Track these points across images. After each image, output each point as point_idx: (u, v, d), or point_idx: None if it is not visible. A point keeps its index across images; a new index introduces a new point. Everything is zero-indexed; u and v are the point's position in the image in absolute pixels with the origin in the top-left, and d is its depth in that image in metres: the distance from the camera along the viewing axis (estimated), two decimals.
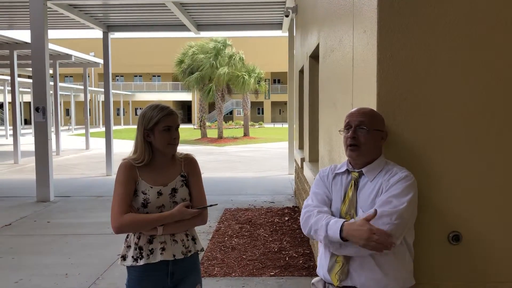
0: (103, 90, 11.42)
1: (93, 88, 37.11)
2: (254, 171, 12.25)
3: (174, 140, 2.15)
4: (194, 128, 36.43)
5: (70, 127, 34.81)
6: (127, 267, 2.17)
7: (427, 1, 2.02)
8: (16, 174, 11.62)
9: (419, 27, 2.03)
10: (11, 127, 19.58)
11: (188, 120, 51.98)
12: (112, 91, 11.36)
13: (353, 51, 2.56)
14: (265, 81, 31.90)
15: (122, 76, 53.32)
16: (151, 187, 2.12)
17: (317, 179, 2.04)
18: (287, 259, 4.65)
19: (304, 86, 6.24)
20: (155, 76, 54.30)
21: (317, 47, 4.50)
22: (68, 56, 15.72)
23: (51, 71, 15.81)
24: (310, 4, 5.36)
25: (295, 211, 6.83)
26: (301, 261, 4.57)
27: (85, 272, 4.38)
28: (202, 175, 2.31)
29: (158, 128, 2.12)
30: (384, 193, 1.79)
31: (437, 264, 2.09)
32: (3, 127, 26.96)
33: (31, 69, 8.31)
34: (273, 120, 52.75)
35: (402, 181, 1.79)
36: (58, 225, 6.27)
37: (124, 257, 2.15)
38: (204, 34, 12.59)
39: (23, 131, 29.34)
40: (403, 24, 2.03)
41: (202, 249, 2.29)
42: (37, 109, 7.80)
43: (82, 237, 5.65)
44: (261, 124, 42.21)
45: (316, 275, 2.01)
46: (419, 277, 2.01)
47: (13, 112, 14.29)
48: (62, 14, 9.26)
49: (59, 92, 19.47)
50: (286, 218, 6.36)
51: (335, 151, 3.16)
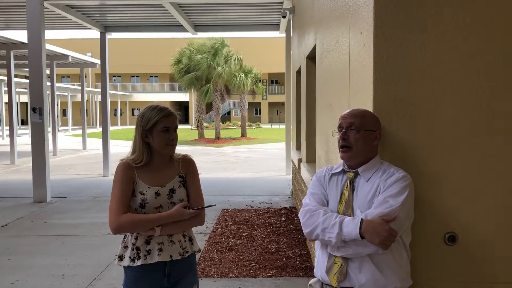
0: (100, 90, 11.39)
1: (90, 89, 37.04)
2: (252, 171, 12.25)
3: (172, 141, 2.16)
4: (192, 129, 36.40)
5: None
6: (124, 267, 2.17)
7: (423, 4, 2.03)
8: (13, 175, 11.58)
9: (415, 28, 2.04)
10: (8, 128, 19.54)
11: (186, 120, 51.92)
12: (109, 91, 11.33)
13: (350, 52, 2.57)
14: (261, 82, 31.95)
15: (119, 76, 53.24)
16: (149, 188, 2.13)
17: (314, 180, 2.05)
18: (284, 259, 4.65)
19: (301, 87, 6.25)
20: (152, 76, 54.23)
21: (314, 48, 4.51)
22: (65, 57, 15.69)
23: (48, 72, 15.79)
24: (307, 5, 5.37)
25: (292, 211, 6.83)
26: (298, 262, 4.57)
27: (82, 273, 4.37)
28: (200, 176, 2.31)
29: (157, 129, 2.12)
30: (381, 193, 1.80)
31: (433, 265, 2.10)
32: None
33: (28, 69, 8.27)
34: (271, 121, 52.78)
35: (399, 181, 1.81)
36: (55, 225, 6.25)
37: (121, 258, 2.15)
38: (202, 34, 12.59)
39: (19, 132, 29.29)
40: (399, 26, 2.04)
41: (199, 250, 2.30)
42: (34, 110, 7.78)
43: (79, 237, 5.64)
44: (258, 125, 42.20)
45: (313, 276, 2.01)
46: (415, 278, 2.02)
47: (9, 113, 14.25)
48: (59, 14, 9.25)
49: (56, 93, 19.43)
50: (283, 219, 6.37)
51: (331, 151, 3.17)
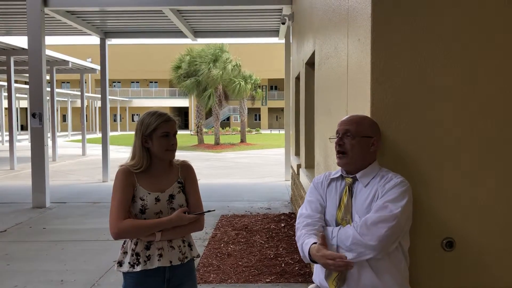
0: (100, 96, 11.41)
1: (90, 94, 37.07)
2: (251, 177, 12.25)
3: (172, 146, 2.17)
4: (191, 134, 36.42)
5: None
6: (123, 273, 2.17)
7: (420, 10, 2.05)
8: (12, 180, 11.58)
9: (412, 35, 2.06)
10: (7, 133, 19.54)
11: (185, 126, 51.96)
12: (109, 97, 11.36)
13: (348, 59, 2.59)
14: (261, 88, 31.98)
15: (119, 82, 53.33)
16: (149, 193, 2.14)
17: (310, 187, 2.07)
18: (283, 265, 4.65)
19: (300, 93, 6.27)
20: (152, 82, 54.33)
21: (313, 54, 4.54)
22: (65, 62, 15.73)
23: (48, 77, 15.83)
24: (306, 12, 5.40)
25: (292, 217, 6.83)
26: (297, 268, 4.57)
27: (81, 279, 4.37)
28: (199, 181, 2.32)
29: (156, 134, 2.13)
30: (380, 198, 1.81)
31: (431, 270, 2.10)
32: None
33: (28, 75, 8.30)
34: (270, 127, 52.83)
35: (397, 186, 1.82)
36: (54, 231, 6.24)
37: (120, 263, 2.16)
38: (201, 40, 12.66)
39: (19, 137, 29.29)
40: (397, 32, 2.06)
41: (198, 255, 2.30)
42: (33, 115, 7.79)
43: (78, 243, 5.64)
44: (258, 130, 42.23)
45: (312, 282, 2.02)
46: (413, 283, 2.03)
47: (9, 118, 14.27)
48: (60, 20, 9.29)
49: (56, 98, 19.46)
50: (283, 225, 6.36)
51: (330, 157, 3.18)
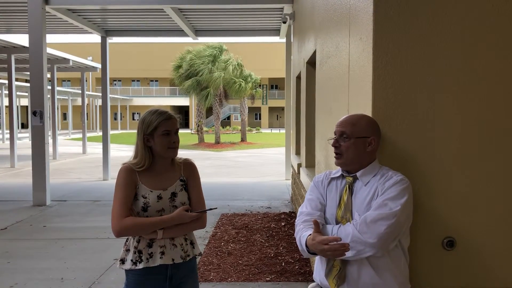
0: (100, 94, 11.41)
1: (90, 93, 37.08)
2: (251, 176, 12.25)
3: (174, 143, 2.17)
4: (192, 133, 36.43)
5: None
6: (126, 270, 2.17)
7: (422, 10, 2.05)
8: (13, 178, 11.59)
9: (414, 34, 2.06)
10: (8, 131, 19.54)
11: (186, 125, 51.97)
12: (109, 95, 11.36)
13: (349, 58, 2.58)
14: (261, 87, 31.97)
15: (120, 80, 53.33)
16: (151, 191, 2.14)
17: (311, 186, 2.07)
18: (283, 264, 4.65)
19: (301, 92, 6.27)
20: (152, 81, 54.34)
21: (314, 53, 4.53)
22: (66, 61, 15.74)
23: (48, 75, 15.84)
24: (307, 10, 5.40)
25: (292, 216, 6.83)
26: (297, 267, 4.57)
27: (81, 277, 4.37)
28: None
29: (158, 133, 2.14)
30: (379, 196, 1.81)
31: (432, 270, 2.10)
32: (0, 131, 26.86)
33: (28, 73, 8.30)
34: (271, 126, 52.81)
35: (397, 184, 1.82)
36: (54, 229, 6.25)
37: (123, 261, 2.16)
38: (202, 39, 12.65)
39: (20, 135, 29.30)
40: (399, 32, 2.06)
41: (200, 253, 2.31)
42: (34, 113, 7.80)
43: (78, 241, 5.64)
44: (258, 130, 42.22)
45: (313, 281, 2.02)
46: (414, 282, 2.03)
47: (10, 116, 14.27)
48: (60, 18, 9.29)
49: (57, 96, 19.47)
50: (283, 224, 6.37)
51: (331, 156, 3.17)
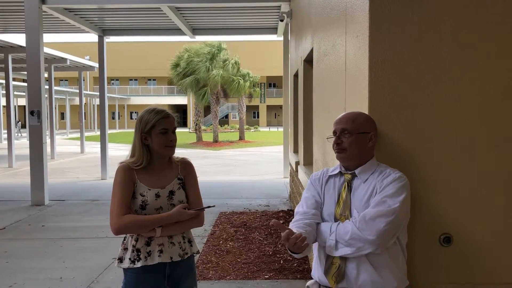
0: (98, 93, 11.40)
1: (88, 92, 37.02)
2: (249, 174, 12.26)
3: (171, 142, 2.19)
4: (190, 132, 36.42)
5: (18, 134, 29.18)
6: (124, 269, 2.18)
7: (419, 6, 2.06)
8: (11, 178, 11.57)
9: (410, 32, 2.06)
10: (6, 131, 19.50)
11: (184, 124, 51.92)
12: (107, 95, 11.35)
13: (346, 56, 2.59)
14: (259, 85, 31.92)
15: (118, 80, 53.24)
16: (149, 189, 2.15)
17: (308, 184, 2.08)
18: (281, 262, 4.66)
19: (299, 90, 6.28)
20: (150, 80, 54.26)
21: (311, 51, 4.54)
22: (63, 60, 15.71)
23: (46, 75, 15.80)
24: (304, 9, 5.40)
25: (290, 214, 6.85)
26: (295, 264, 4.58)
27: (80, 276, 4.38)
28: (198, 179, 2.34)
29: (155, 131, 2.15)
30: (378, 194, 1.82)
31: (429, 266, 2.11)
32: None
33: (26, 72, 8.29)
34: (269, 124, 52.81)
35: (395, 181, 1.83)
36: (53, 229, 6.25)
37: (121, 259, 2.17)
38: (200, 38, 12.65)
39: (17, 135, 29.21)
40: (394, 30, 2.06)
41: (198, 251, 2.32)
42: (32, 113, 7.78)
43: (77, 241, 5.64)
44: (256, 128, 42.24)
45: (311, 278, 2.03)
46: (411, 279, 2.04)
47: (7, 116, 14.25)
48: (58, 18, 9.27)
49: (54, 96, 19.44)
50: (281, 222, 6.38)
51: (328, 154, 3.19)
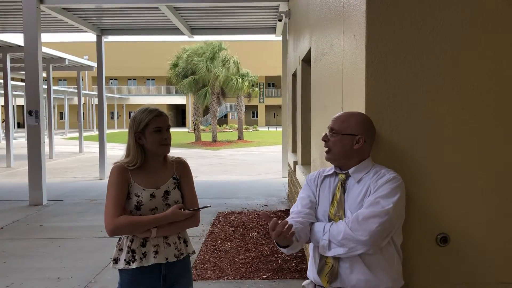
0: (97, 93, 11.39)
1: (87, 92, 36.99)
2: (248, 174, 12.26)
3: (166, 140, 2.18)
4: (189, 132, 36.40)
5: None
6: (119, 270, 2.17)
7: (415, 7, 2.06)
8: (9, 178, 11.55)
9: (408, 31, 2.06)
10: (4, 131, 19.47)
11: (183, 123, 51.91)
12: (106, 94, 11.35)
13: (343, 55, 2.59)
14: (258, 85, 31.89)
15: (116, 79, 53.19)
16: (144, 190, 2.14)
17: (304, 184, 2.08)
18: (279, 262, 4.66)
19: (297, 90, 6.28)
20: (149, 79, 54.21)
21: (309, 51, 4.54)
22: (62, 60, 15.68)
23: (44, 74, 15.78)
24: (302, 8, 5.40)
25: (288, 214, 6.84)
26: (293, 264, 4.59)
27: (77, 276, 4.37)
28: (196, 179, 2.34)
29: (149, 130, 2.14)
30: (372, 194, 1.82)
31: (425, 266, 2.11)
32: None
33: (24, 72, 8.28)
34: (267, 124, 52.82)
35: (390, 182, 1.82)
36: (51, 228, 6.24)
37: (116, 260, 2.16)
38: (198, 37, 12.65)
39: (16, 135, 29.18)
40: (391, 29, 2.06)
41: (193, 252, 2.31)
42: (30, 113, 7.77)
43: (75, 240, 5.64)
44: (255, 128, 42.23)
45: (307, 278, 2.03)
46: (407, 278, 2.04)
47: (6, 116, 14.22)
48: (56, 17, 9.26)
49: (53, 96, 19.41)
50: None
51: None
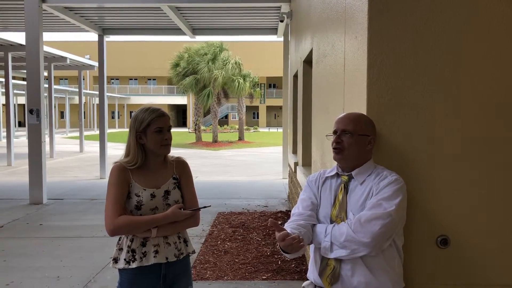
0: (98, 93, 11.40)
1: (88, 91, 36.98)
2: (248, 175, 12.25)
3: (166, 140, 2.18)
4: (189, 132, 36.39)
5: None
6: (119, 269, 2.17)
7: (417, 7, 2.06)
8: (9, 176, 11.56)
9: (408, 33, 2.06)
10: (5, 129, 19.49)
11: (183, 124, 51.90)
12: (107, 94, 11.35)
13: (345, 56, 2.59)
14: (259, 86, 31.88)
15: (117, 79, 53.21)
16: (144, 190, 2.14)
17: (305, 186, 2.08)
18: (279, 263, 4.66)
19: (298, 91, 6.28)
20: (150, 79, 54.23)
21: (311, 52, 4.54)
22: (63, 59, 15.70)
23: (45, 74, 15.80)
24: (304, 9, 5.40)
25: (289, 215, 6.84)
26: (293, 265, 4.58)
27: (77, 275, 4.37)
28: (197, 179, 2.33)
29: (150, 130, 2.14)
30: (374, 196, 1.81)
31: (426, 268, 2.11)
32: None
33: (25, 71, 8.29)
34: (268, 125, 52.80)
35: (392, 184, 1.82)
36: (51, 227, 6.24)
37: (116, 260, 2.16)
38: (200, 38, 12.66)
39: (17, 133, 29.21)
40: (393, 31, 2.06)
41: (193, 251, 2.30)
42: (31, 111, 7.78)
43: (75, 240, 5.64)
44: (256, 129, 42.23)
45: (307, 279, 2.02)
46: (408, 281, 2.03)
47: (7, 114, 14.24)
48: (58, 16, 9.26)
49: (54, 95, 19.42)
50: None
51: (327, 155, 3.18)
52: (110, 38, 11.44)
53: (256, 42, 46.58)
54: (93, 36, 11.25)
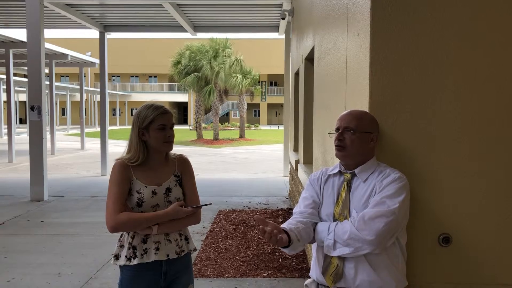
0: (99, 90, 11.39)
1: (89, 88, 37.01)
2: (249, 172, 12.25)
3: (169, 138, 2.17)
4: (190, 129, 36.39)
5: None
6: (120, 266, 2.17)
7: (420, 5, 2.05)
8: (10, 173, 11.57)
9: (411, 30, 2.05)
10: (6, 126, 19.51)
11: (184, 121, 51.90)
12: (108, 91, 11.34)
13: (347, 54, 2.58)
14: (260, 83, 31.83)
15: (119, 76, 53.21)
16: (146, 187, 2.13)
17: (307, 184, 2.07)
18: (280, 260, 4.66)
19: (300, 89, 6.26)
20: (151, 76, 54.22)
21: (312, 49, 4.52)
22: (64, 56, 15.70)
23: (47, 71, 15.80)
24: (306, 7, 5.39)
25: (289, 213, 6.84)
26: (294, 263, 4.58)
27: (78, 272, 4.37)
28: (198, 176, 2.33)
29: (153, 127, 2.13)
30: (377, 194, 1.81)
31: (428, 266, 2.10)
32: None
33: (27, 68, 8.29)
34: (269, 122, 52.79)
35: (395, 182, 1.81)
36: (52, 224, 6.25)
37: (117, 257, 2.16)
38: (201, 35, 12.63)
39: (18, 130, 29.24)
40: (396, 28, 2.05)
41: (194, 249, 2.30)
42: (32, 108, 7.78)
43: (76, 236, 5.64)
44: (257, 126, 42.23)
45: (309, 277, 2.02)
46: (410, 279, 2.03)
47: (8, 111, 14.25)
48: (59, 13, 9.25)
49: (55, 92, 19.42)
50: (280, 220, 6.38)
51: (328, 153, 3.18)
52: (111, 35, 11.43)
53: (257, 40, 46.52)
54: (94, 33, 11.31)
